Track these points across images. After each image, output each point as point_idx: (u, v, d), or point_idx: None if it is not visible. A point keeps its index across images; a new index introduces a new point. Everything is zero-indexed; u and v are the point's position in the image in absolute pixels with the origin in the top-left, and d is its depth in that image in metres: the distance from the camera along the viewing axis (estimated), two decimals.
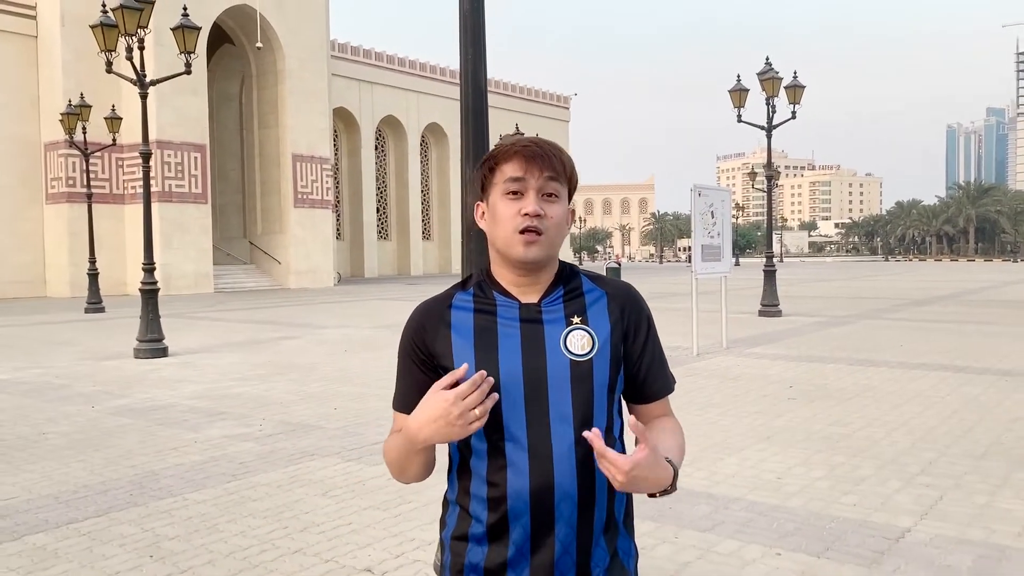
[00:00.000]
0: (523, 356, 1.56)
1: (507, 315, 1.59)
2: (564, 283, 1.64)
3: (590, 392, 1.56)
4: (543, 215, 1.55)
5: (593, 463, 1.52)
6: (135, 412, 8.15)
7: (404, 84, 50.32)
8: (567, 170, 1.60)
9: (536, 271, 1.60)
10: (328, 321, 18.39)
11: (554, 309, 1.60)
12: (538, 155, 1.56)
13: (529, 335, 1.57)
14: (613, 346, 1.60)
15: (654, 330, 1.69)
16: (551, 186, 1.57)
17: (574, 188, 1.64)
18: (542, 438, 1.53)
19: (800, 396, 8.46)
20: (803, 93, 18.20)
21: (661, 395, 1.69)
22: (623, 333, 1.63)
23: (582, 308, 1.62)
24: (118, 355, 12.67)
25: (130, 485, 5.55)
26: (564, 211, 1.59)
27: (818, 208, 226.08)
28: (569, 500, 1.53)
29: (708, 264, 12.40)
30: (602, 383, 1.58)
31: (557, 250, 1.61)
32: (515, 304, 1.60)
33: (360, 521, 4.73)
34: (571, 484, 1.53)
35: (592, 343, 1.58)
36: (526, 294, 1.60)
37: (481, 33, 3.33)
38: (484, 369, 1.54)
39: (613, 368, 1.60)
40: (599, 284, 1.67)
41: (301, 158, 36.64)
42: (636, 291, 1.70)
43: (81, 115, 21.65)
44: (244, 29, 35.29)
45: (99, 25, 12.80)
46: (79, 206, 28.77)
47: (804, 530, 4.50)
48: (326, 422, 7.51)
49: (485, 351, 1.57)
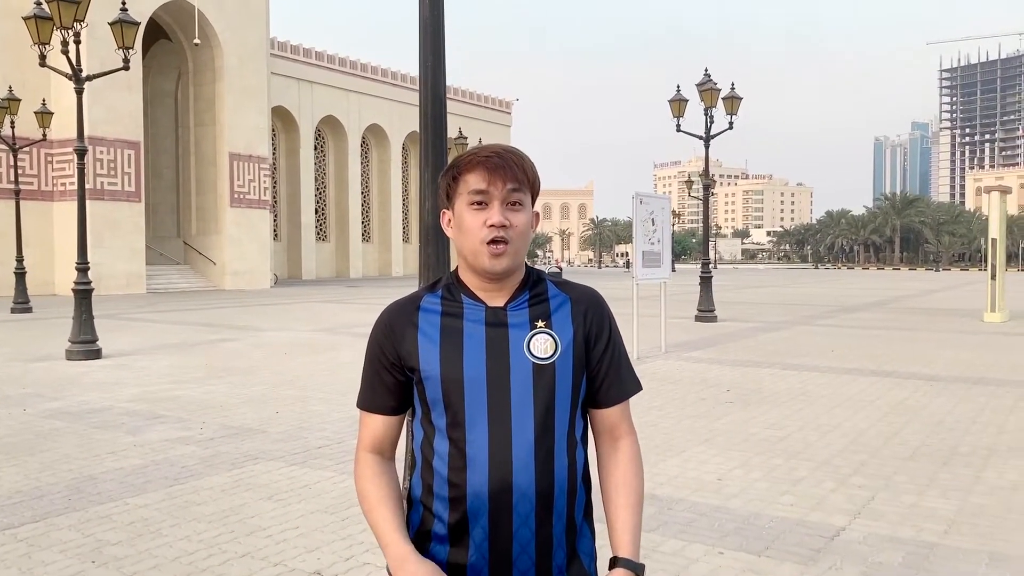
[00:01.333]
0: (487, 358, 1.59)
1: (473, 317, 1.63)
2: (530, 288, 1.68)
3: (552, 395, 1.60)
4: (508, 225, 1.58)
5: (553, 464, 1.57)
6: (70, 415, 7.93)
7: (345, 84, 49.87)
8: (530, 178, 1.62)
9: (502, 278, 1.64)
10: (266, 324, 18.12)
11: (519, 313, 1.64)
12: (500, 167, 1.58)
13: (494, 338, 1.61)
14: (576, 349, 1.64)
15: (616, 334, 1.71)
16: (515, 196, 1.60)
17: (536, 192, 1.67)
18: (503, 439, 1.57)
19: (737, 399, 8.69)
20: (740, 104, 18.65)
21: (619, 399, 1.70)
22: (585, 336, 1.66)
23: (547, 313, 1.65)
24: (49, 357, 12.29)
25: (67, 490, 5.42)
26: (528, 219, 1.63)
27: (751, 216, 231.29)
28: (527, 500, 1.57)
29: (648, 270, 12.62)
30: (565, 386, 1.61)
31: (523, 257, 1.65)
32: (482, 307, 1.64)
33: (307, 525, 4.71)
34: (529, 485, 1.56)
35: (555, 346, 1.61)
36: (493, 298, 1.64)
37: (441, 41, 3.37)
38: (448, 370, 1.59)
39: (577, 371, 1.63)
40: (564, 289, 1.71)
41: (238, 157, 36.01)
42: (600, 296, 1.72)
43: (10, 108, 20.91)
44: (181, 25, 34.55)
45: (33, 17, 12.42)
46: (6, 203, 27.77)
47: (745, 530, 4.64)
48: (268, 426, 7.43)
49: (450, 352, 1.61)
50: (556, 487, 1.60)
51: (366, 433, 1.72)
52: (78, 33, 11.99)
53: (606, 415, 1.70)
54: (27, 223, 26.58)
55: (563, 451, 1.62)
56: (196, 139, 36.66)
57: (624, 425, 1.72)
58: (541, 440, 1.58)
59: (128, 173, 31.46)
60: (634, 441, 1.73)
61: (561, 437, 1.62)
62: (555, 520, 1.61)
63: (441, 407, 1.61)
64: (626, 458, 1.70)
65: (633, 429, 1.75)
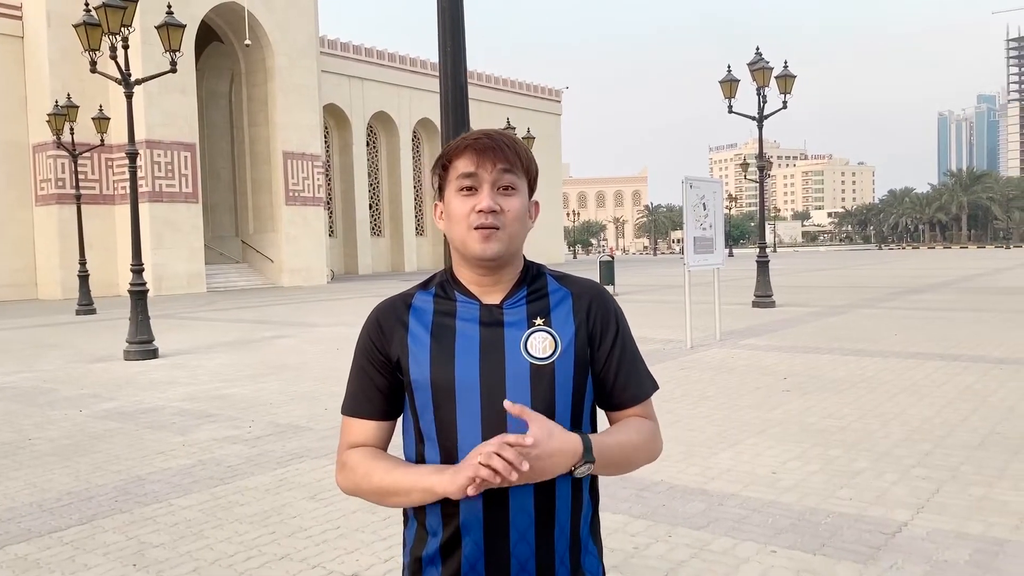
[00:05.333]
0: (480, 360, 1.48)
1: (467, 316, 1.51)
2: (528, 283, 1.56)
3: (551, 397, 1.48)
4: (499, 210, 1.47)
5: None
6: (123, 415, 8.05)
7: (395, 79, 50.11)
8: (523, 161, 1.51)
9: (497, 270, 1.52)
10: (321, 319, 18.29)
11: (516, 311, 1.52)
12: (490, 147, 1.48)
13: (488, 338, 1.49)
14: (578, 349, 1.51)
15: (625, 330, 1.58)
16: (506, 179, 1.48)
17: (534, 179, 1.56)
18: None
19: (794, 388, 8.40)
20: (794, 83, 18.13)
21: (634, 402, 1.57)
22: (589, 335, 1.53)
23: (546, 309, 1.53)
24: (108, 357, 12.56)
25: (115, 491, 5.46)
26: (522, 204, 1.51)
27: (811, 198, 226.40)
28: (525, 514, 1.45)
29: (701, 256, 12.33)
30: (565, 388, 1.49)
31: (517, 246, 1.53)
32: (476, 305, 1.52)
33: (348, 525, 4.66)
34: (527, 497, 1.44)
35: (555, 345, 1.49)
36: (488, 294, 1.53)
37: (460, 28, 3.25)
38: (438, 374, 1.47)
39: (579, 372, 1.51)
40: (565, 284, 1.58)
41: (292, 155, 36.46)
42: (604, 290, 1.60)
43: (68, 116, 21.48)
44: (232, 27, 35.08)
45: (82, 24, 12.67)
46: (69, 207, 28.57)
47: (799, 526, 4.44)
48: (316, 423, 7.43)
49: (440, 355, 1.49)
50: (558, 500, 1.47)
51: (349, 440, 1.57)
52: (126, 38, 12.18)
53: (624, 415, 1.58)
54: (90, 226, 27.33)
55: None
56: (250, 139, 37.23)
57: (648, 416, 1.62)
58: None
59: (185, 174, 32.10)
60: (657, 426, 1.62)
61: None
62: (557, 535, 1.48)
63: (431, 414, 1.49)
64: (637, 420, 1.58)
65: (656, 420, 1.64)
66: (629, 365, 1.56)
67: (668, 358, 10.72)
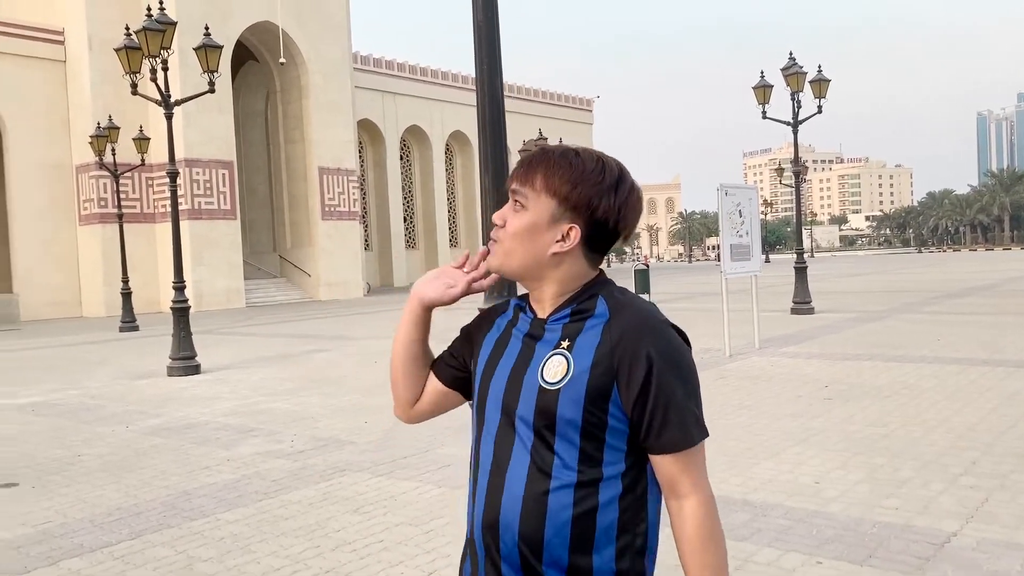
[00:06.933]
0: (511, 373, 1.49)
1: (521, 327, 1.54)
2: (579, 301, 1.49)
3: (551, 430, 1.41)
4: (499, 224, 1.49)
5: (546, 506, 1.40)
6: (169, 431, 8.20)
7: (427, 93, 50.47)
8: (547, 181, 1.45)
9: (533, 287, 1.53)
10: (358, 332, 18.45)
11: (554, 328, 1.49)
12: (520, 164, 1.50)
13: (524, 352, 1.50)
14: (592, 380, 1.40)
15: (662, 371, 1.40)
16: (518, 195, 1.48)
17: (575, 202, 1.45)
18: (500, 473, 1.45)
19: (836, 396, 8.30)
20: (828, 87, 17.96)
21: (665, 450, 1.42)
22: (611, 367, 1.41)
23: (577, 332, 1.46)
24: (152, 373, 12.79)
25: (163, 506, 5.56)
26: (526, 223, 1.45)
27: (848, 201, 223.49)
28: (511, 540, 1.42)
29: (737, 263, 12.25)
30: (568, 420, 1.40)
31: (520, 264, 1.48)
32: (530, 318, 1.54)
33: (391, 538, 4.69)
34: (513, 522, 1.42)
35: (566, 371, 1.42)
36: (540, 308, 1.53)
37: (496, 43, 3.29)
38: (484, 379, 1.54)
39: (591, 405, 1.40)
40: (612, 309, 1.47)
41: (327, 171, 36.87)
42: (649, 323, 1.44)
43: (110, 137, 21.95)
44: (267, 46, 35.62)
45: (123, 48, 12.96)
46: (111, 227, 29.14)
47: (845, 537, 4.39)
48: (357, 436, 7.50)
49: (491, 363, 1.54)
50: (549, 532, 1.40)
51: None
52: (165, 60, 12.45)
53: (659, 465, 1.44)
54: (132, 245, 27.85)
55: (567, 492, 1.40)
56: (287, 156, 37.72)
57: (686, 481, 1.42)
58: (535, 479, 1.42)
59: (224, 192, 32.60)
60: (702, 502, 1.42)
61: (564, 476, 1.41)
62: (546, 569, 1.42)
63: (474, 418, 1.56)
64: (692, 525, 1.41)
65: (701, 487, 1.44)
66: (662, 410, 1.40)
67: (707, 367, 10.65)
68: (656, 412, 1.40)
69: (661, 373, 1.40)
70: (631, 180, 1.50)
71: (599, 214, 1.46)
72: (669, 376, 1.41)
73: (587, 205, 1.45)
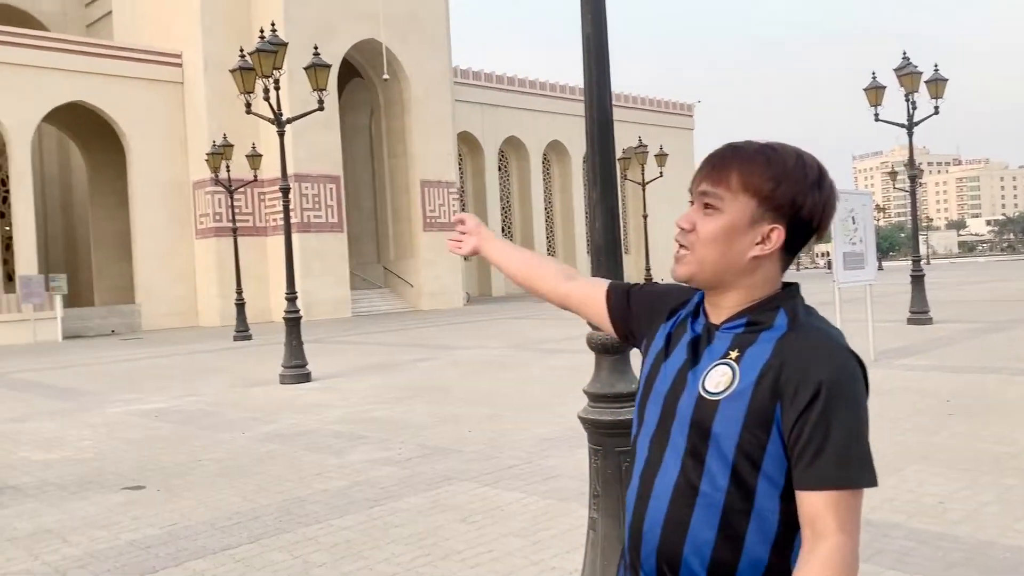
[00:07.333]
0: (675, 377, 1.42)
1: (693, 330, 1.46)
2: (756, 312, 1.38)
3: (705, 441, 1.33)
4: (687, 229, 1.39)
5: (689, 524, 1.34)
6: (282, 438, 8.48)
7: (525, 104, 50.84)
8: (746, 179, 1.35)
9: (714, 293, 1.42)
10: (459, 342, 18.67)
11: (725, 337, 1.39)
12: (706, 163, 1.40)
13: (689, 357, 1.42)
14: (757, 397, 1.30)
15: (830, 398, 1.26)
16: (706, 198, 1.38)
17: (779, 201, 1.34)
18: (650, 478, 1.40)
19: (959, 411, 7.89)
20: (945, 87, 17.16)
21: (808, 485, 1.26)
22: (774, 388, 1.29)
23: (748, 344, 1.36)
24: (265, 381, 13.27)
25: (278, 511, 5.75)
26: (722, 226, 1.36)
27: (966, 205, 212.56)
28: (651, 555, 1.38)
29: (851, 272, 11.81)
30: (725, 435, 1.31)
31: (714, 271, 1.39)
32: (702, 322, 1.46)
33: (500, 548, 4.72)
34: (654, 537, 1.37)
35: (731, 382, 1.33)
36: (715, 313, 1.44)
37: (605, 55, 3.28)
38: (649, 378, 1.49)
39: (752, 424, 1.30)
40: (791, 324, 1.35)
41: (428, 183, 37.57)
42: (828, 346, 1.31)
43: (224, 154, 23.00)
44: (371, 62, 36.61)
45: (238, 69, 13.56)
46: (226, 240, 30.49)
47: (974, 560, 4.16)
48: (463, 445, 7.58)
49: (658, 361, 1.49)
50: (688, 549, 1.34)
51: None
52: (277, 80, 12.95)
53: (803, 500, 1.28)
54: (244, 257, 29.04)
55: (712, 512, 1.32)
56: (390, 169, 38.65)
57: (830, 520, 1.24)
58: (682, 491, 1.35)
59: (331, 205, 33.65)
60: (840, 546, 1.24)
61: (712, 494, 1.32)
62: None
63: (635, 414, 1.51)
64: (818, 565, 1.23)
65: (849, 532, 1.26)
66: (820, 438, 1.25)
67: None
68: (812, 439, 1.26)
69: (829, 400, 1.27)
70: (829, 176, 1.40)
71: (804, 213, 1.36)
72: (837, 405, 1.27)
73: (791, 204, 1.35)
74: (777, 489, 1.31)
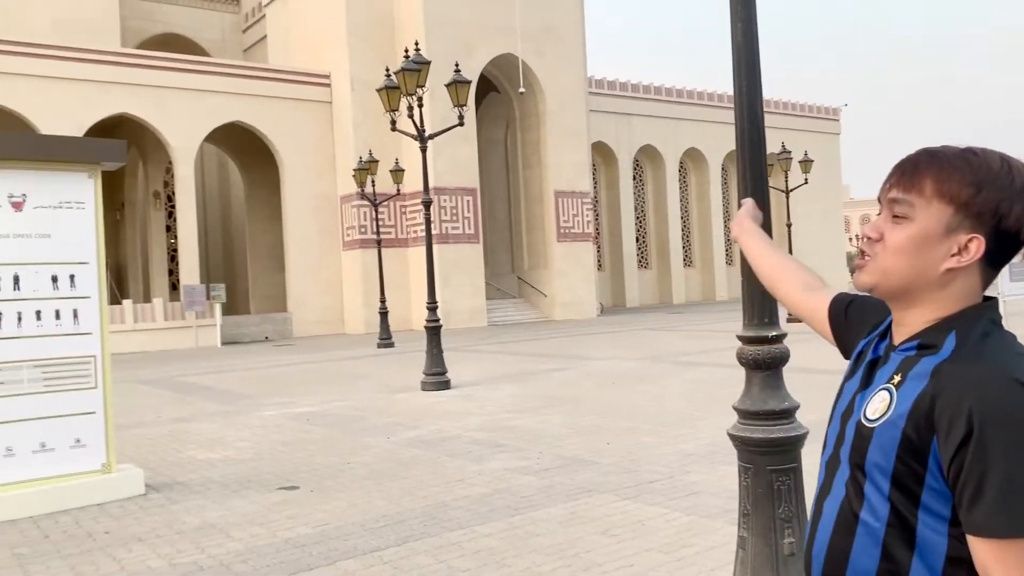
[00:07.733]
0: (847, 403, 1.39)
1: (875, 351, 1.41)
2: (928, 335, 1.30)
3: (862, 470, 1.29)
4: (874, 238, 1.32)
5: (849, 556, 1.29)
6: (425, 443, 8.73)
7: (660, 112, 50.29)
8: (942, 185, 1.26)
9: (898, 308, 1.35)
10: (593, 352, 18.64)
11: (895, 360, 1.33)
12: (899, 167, 1.32)
13: (865, 379, 1.38)
14: (908, 427, 1.22)
15: (986, 435, 1.14)
16: (896, 207, 1.29)
17: (979, 208, 1.25)
18: (821, 503, 1.38)
19: None
20: None
21: (973, 531, 1.16)
22: (928, 420, 1.21)
23: (910, 368, 1.28)
24: (407, 388, 13.69)
25: (423, 515, 5.93)
26: (913, 235, 1.27)
27: None
28: (817, 571, 1.35)
29: (1017, 284, 11.01)
30: (878, 465, 1.26)
31: (901, 283, 1.31)
32: (885, 342, 1.40)
33: (642, 564, 4.68)
34: (821, 554, 1.35)
35: (887, 408, 1.26)
36: (899, 333, 1.36)
37: (756, 65, 3.22)
38: (836, 400, 1.44)
39: (904, 456, 1.22)
40: (957, 349, 1.26)
41: (562, 194, 37.77)
42: (987, 377, 1.19)
43: (370, 170, 23.94)
44: (507, 76, 37.22)
45: (384, 88, 14.11)
46: (370, 251, 31.69)
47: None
48: (600, 457, 7.56)
49: (842, 382, 1.45)
50: (849, 571, 1.30)
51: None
52: (420, 98, 13.38)
53: (971, 546, 1.18)
54: (387, 267, 30.11)
55: (873, 542, 1.27)
56: (524, 181, 39.12)
57: (996, 573, 1.14)
58: (845, 518, 1.31)
59: (468, 217, 34.40)
60: None
61: (871, 524, 1.27)
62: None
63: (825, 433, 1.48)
64: None
65: None
66: (976, 480, 1.15)
67: None
68: (969, 482, 1.15)
69: (984, 438, 1.14)
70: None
71: (1008, 223, 1.25)
72: (996, 444, 1.14)
73: (993, 212, 1.25)
74: (944, 523, 1.22)
